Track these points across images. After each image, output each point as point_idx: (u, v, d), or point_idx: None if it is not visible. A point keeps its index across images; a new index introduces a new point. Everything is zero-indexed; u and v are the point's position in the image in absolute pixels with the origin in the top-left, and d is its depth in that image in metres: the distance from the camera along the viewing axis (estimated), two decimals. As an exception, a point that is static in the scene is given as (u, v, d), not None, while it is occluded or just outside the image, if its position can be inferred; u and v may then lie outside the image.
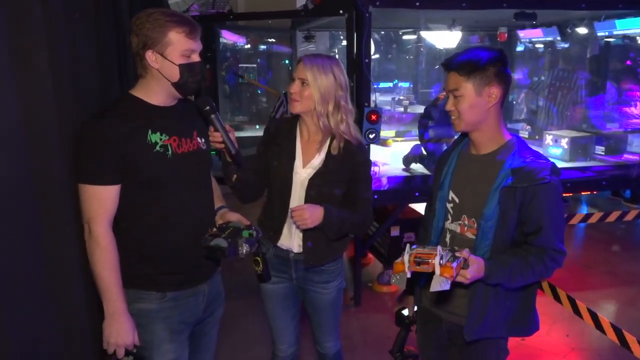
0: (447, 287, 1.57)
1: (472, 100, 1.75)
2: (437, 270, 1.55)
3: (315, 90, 2.05)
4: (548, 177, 1.72)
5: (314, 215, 2.03)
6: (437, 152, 4.44)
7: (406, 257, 1.60)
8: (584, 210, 6.38)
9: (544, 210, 1.74)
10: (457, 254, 1.61)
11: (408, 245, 1.65)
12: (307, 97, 2.07)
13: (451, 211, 1.89)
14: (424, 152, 4.53)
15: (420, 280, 1.98)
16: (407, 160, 4.45)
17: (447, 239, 1.90)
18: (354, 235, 2.26)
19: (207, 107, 1.85)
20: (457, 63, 1.76)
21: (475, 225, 1.81)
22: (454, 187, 1.90)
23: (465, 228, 1.85)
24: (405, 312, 2.15)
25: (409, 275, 1.61)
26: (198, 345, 2.01)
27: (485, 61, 1.73)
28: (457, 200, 1.88)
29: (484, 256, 1.75)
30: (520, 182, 1.73)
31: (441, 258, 1.56)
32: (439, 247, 1.59)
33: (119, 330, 1.71)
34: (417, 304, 2.09)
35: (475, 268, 1.64)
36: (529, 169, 1.73)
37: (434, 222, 1.94)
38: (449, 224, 1.90)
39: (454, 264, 1.56)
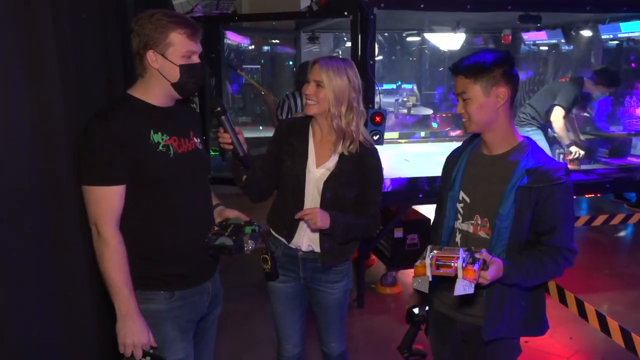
0: (471, 290, 1.53)
1: (480, 101, 1.76)
2: (460, 274, 1.52)
3: (330, 92, 2.08)
4: (564, 177, 1.74)
5: (323, 218, 2.07)
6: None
7: (428, 260, 1.56)
8: (586, 213, 6.36)
9: (559, 210, 1.76)
10: (477, 255, 1.60)
11: (429, 247, 1.63)
12: (322, 99, 2.10)
13: (461, 211, 1.89)
14: None
15: (433, 281, 1.97)
16: None
17: (458, 239, 1.90)
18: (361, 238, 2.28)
19: (218, 108, 1.86)
20: (464, 66, 1.77)
21: (488, 224, 1.82)
22: (465, 187, 1.90)
23: (479, 227, 1.85)
24: (417, 310, 2.12)
25: (430, 279, 1.58)
26: (199, 342, 2.02)
27: (491, 62, 1.74)
28: (467, 200, 1.88)
29: (500, 256, 1.75)
30: (537, 182, 1.74)
31: (463, 261, 1.53)
32: (461, 249, 1.57)
33: (134, 330, 1.69)
34: (428, 305, 2.08)
35: (494, 269, 1.64)
36: (544, 169, 1.74)
37: (444, 222, 1.93)
38: (459, 224, 1.90)
39: (476, 266, 1.54)
